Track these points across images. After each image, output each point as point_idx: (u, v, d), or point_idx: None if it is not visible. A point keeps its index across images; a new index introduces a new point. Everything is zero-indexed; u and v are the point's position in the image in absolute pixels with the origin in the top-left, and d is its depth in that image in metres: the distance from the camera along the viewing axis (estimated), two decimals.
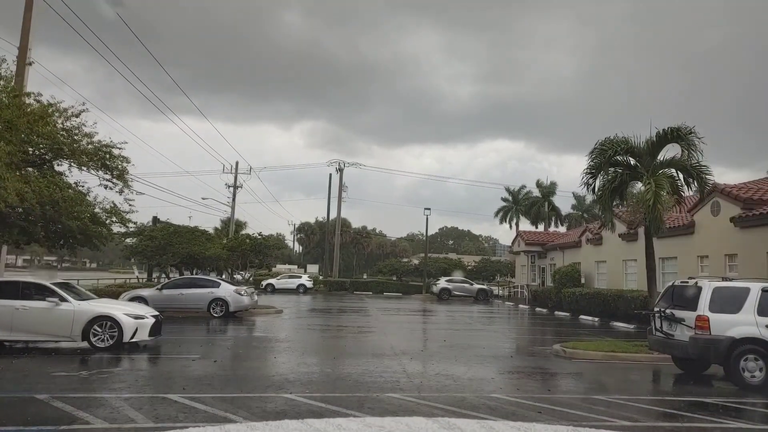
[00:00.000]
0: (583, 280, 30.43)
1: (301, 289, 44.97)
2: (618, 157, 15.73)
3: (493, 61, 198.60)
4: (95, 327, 12.06)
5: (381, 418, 1.76)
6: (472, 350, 14.42)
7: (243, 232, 46.15)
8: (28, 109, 13.93)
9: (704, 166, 15.03)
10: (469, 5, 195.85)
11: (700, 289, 10.78)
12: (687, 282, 11.64)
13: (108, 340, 12.08)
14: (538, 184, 56.08)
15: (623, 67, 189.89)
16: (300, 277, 48.48)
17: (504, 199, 58.91)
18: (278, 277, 47.10)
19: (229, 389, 8.67)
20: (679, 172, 15.48)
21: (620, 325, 22.26)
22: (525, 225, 55.34)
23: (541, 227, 54.23)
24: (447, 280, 42.96)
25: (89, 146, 15.01)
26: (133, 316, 12.54)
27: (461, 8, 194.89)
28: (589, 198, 37.82)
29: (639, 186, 15.72)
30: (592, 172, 16.00)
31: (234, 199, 46.90)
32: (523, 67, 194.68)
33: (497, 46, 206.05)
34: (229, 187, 46.97)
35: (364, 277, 66.44)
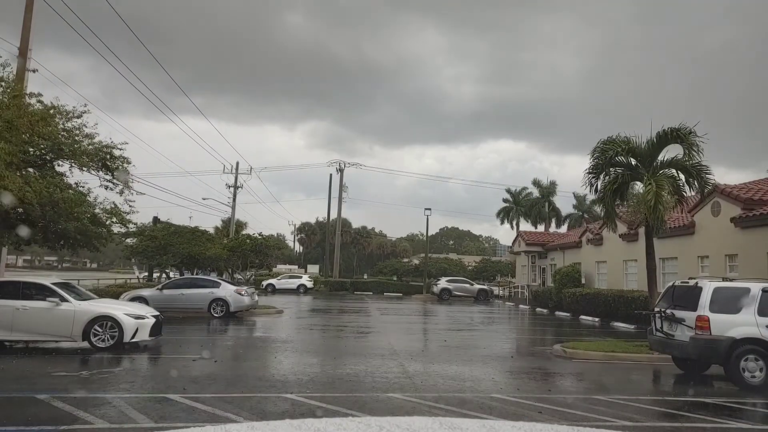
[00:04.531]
0: (583, 281, 30.42)
1: (301, 290, 44.93)
2: (619, 157, 15.72)
3: (497, 61, 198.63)
4: (96, 327, 12.06)
5: (381, 418, 1.77)
6: (473, 350, 14.43)
7: (243, 232, 46.09)
8: (29, 110, 13.93)
9: (705, 166, 15.02)
10: (473, 6, 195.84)
11: (700, 289, 10.78)
12: (687, 282, 11.64)
13: (108, 340, 12.08)
14: (536, 183, 56.02)
15: (626, 67, 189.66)
16: (300, 277, 48.41)
17: (505, 200, 58.89)
18: (279, 278, 47.06)
19: (230, 389, 8.68)
20: (679, 173, 15.46)
21: (621, 325, 22.26)
22: (526, 225, 55.29)
23: (541, 227, 54.18)
24: (447, 281, 42.90)
25: (90, 147, 15.02)
26: (133, 316, 12.54)
27: (465, 9, 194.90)
28: (591, 198, 37.69)
29: (640, 186, 15.71)
30: (595, 171, 15.97)
31: (234, 200, 46.87)
32: (526, 67, 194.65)
33: (501, 46, 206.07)
34: (229, 187, 46.92)
35: (365, 277, 66.39)
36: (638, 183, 15.80)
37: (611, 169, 15.94)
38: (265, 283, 44.25)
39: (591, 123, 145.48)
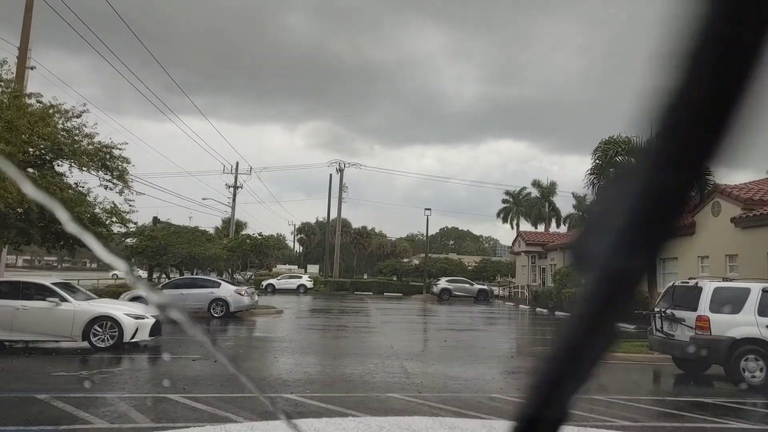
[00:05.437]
0: (583, 281, 30.36)
1: (301, 290, 44.87)
2: (619, 157, 15.74)
3: (498, 61, 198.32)
4: (96, 327, 12.06)
5: (381, 418, 1.77)
6: (473, 350, 14.42)
7: (243, 232, 46.13)
8: (29, 110, 13.93)
9: (704, 166, 15.04)
10: (474, 6, 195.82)
11: (700, 289, 10.78)
12: (687, 282, 11.64)
13: (108, 340, 12.07)
14: (535, 184, 56.03)
15: (628, 67, 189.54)
16: (300, 277, 48.34)
17: (505, 201, 58.93)
18: (278, 278, 46.99)
19: (230, 389, 8.68)
20: None
21: (621, 325, 22.23)
22: (526, 225, 55.29)
23: (541, 228, 54.18)
24: (447, 281, 42.86)
25: (89, 147, 15.01)
26: (133, 316, 12.54)
27: (466, 9, 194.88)
28: (592, 198, 37.68)
29: None
30: (597, 172, 16.01)
31: (234, 200, 46.90)
32: (528, 67, 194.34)
33: (502, 46, 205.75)
34: (229, 187, 46.94)
35: (365, 277, 66.32)
36: None
37: (612, 169, 15.97)
38: (264, 283, 44.21)
39: (591, 123, 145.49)
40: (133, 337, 12.29)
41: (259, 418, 6.83)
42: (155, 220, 32.49)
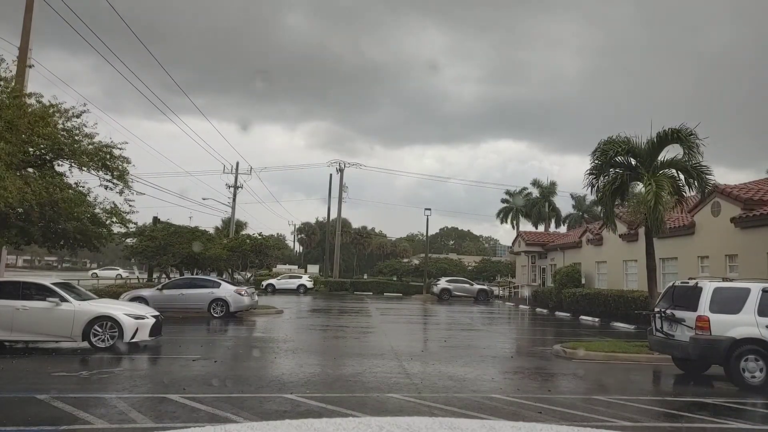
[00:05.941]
0: (583, 281, 30.41)
1: (301, 290, 44.90)
2: (619, 157, 15.71)
3: (498, 61, 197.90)
4: (96, 327, 12.05)
5: (381, 418, 1.78)
6: (473, 351, 14.42)
7: (243, 232, 46.11)
8: (29, 110, 13.92)
9: (705, 166, 15.02)
10: (474, 6, 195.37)
11: (700, 289, 10.77)
12: (687, 282, 11.64)
13: (108, 341, 12.07)
14: (535, 184, 56.05)
15: (629, 67, 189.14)
16: (300, 277, 48.36)
17: (504, 200, 58.93)
18: (278, 278, 47.01)
19: (230, 389, 8.68)
20: (679, 173, 15.46)
21: (621, 325, 22.26)
22: (526, 225, 55.28)
23: (541, 228, 54.18)
24: (447, 281, 42.88)
25: (90, 147, 15.01)
26: (133, 316, 12.53)
27: (466, 9, 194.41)
28: (591, 198, 37.64)
29: (640, 186, 15.71)
30: (596, 172, 15.97)
31: (234, 200, 46.90)
32: (528, 67, 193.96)
33: (502, 46, 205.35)
34: (229, 187, 46.96)
35: (365, 277, 66.36)
36: (638, 183, 15.79)
37: (611, 169, 15.93)
38: (265, 283, 44.22)
39: (591, 123, 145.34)
40: (133, 337, 12.29)
41: (259, 418, 6.83)
42: (155, 220, 32.48)
